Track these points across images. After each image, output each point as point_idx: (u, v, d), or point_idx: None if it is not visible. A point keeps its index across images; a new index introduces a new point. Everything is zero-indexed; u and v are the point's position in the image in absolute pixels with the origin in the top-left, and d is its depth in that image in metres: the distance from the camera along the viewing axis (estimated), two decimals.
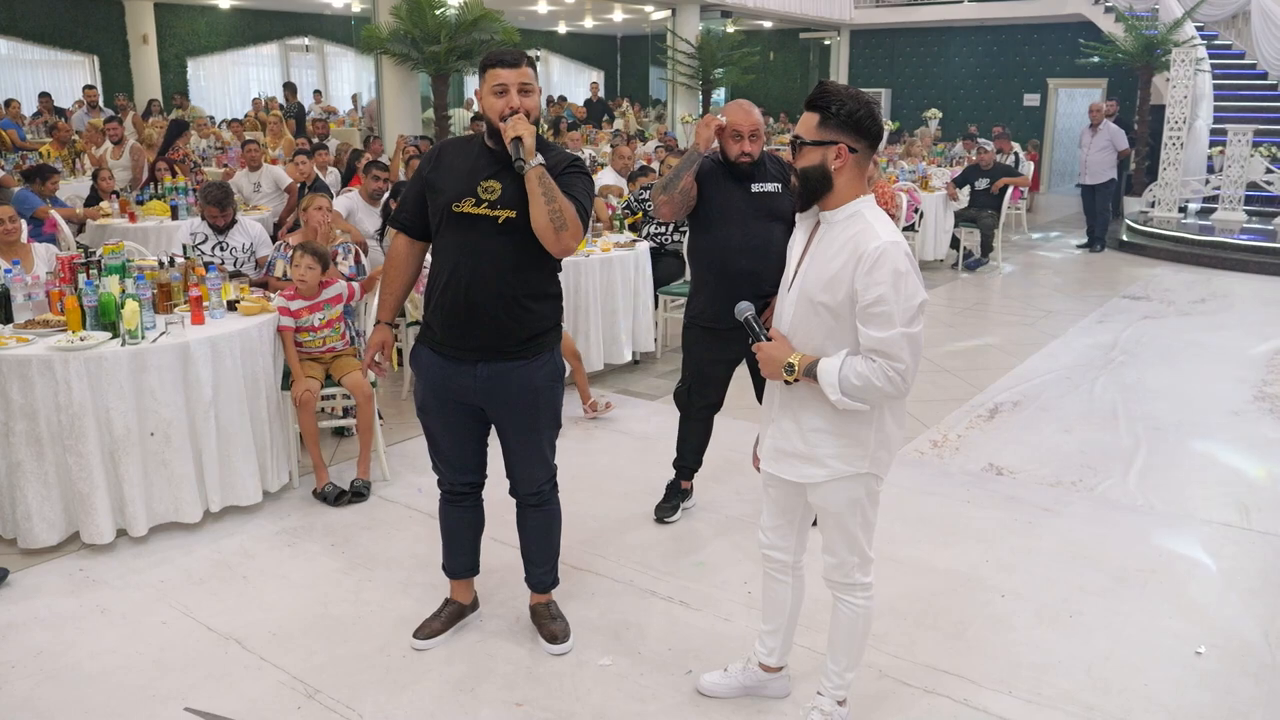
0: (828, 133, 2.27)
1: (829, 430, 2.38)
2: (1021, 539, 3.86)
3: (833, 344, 2.32)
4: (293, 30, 18.59)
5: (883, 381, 2.21)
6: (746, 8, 16.53)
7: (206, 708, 2.77)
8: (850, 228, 2.29)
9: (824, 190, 2.31)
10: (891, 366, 2.21)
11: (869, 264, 2.21)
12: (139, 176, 8.88)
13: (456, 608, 3.18)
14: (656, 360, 6.42)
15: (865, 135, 2.26)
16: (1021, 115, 17.52)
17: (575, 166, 2.80)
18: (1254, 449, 4.88)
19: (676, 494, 4.04)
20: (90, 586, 3.45)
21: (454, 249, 2.75)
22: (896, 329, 2.20)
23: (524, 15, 17.74)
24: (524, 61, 2.71)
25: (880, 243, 2.22)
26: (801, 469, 2.44)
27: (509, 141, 2.63)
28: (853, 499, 2.42)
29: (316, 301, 4.26)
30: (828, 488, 2.42)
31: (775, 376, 2.40)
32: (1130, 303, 8.34)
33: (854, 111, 2.24)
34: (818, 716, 2.63)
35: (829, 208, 2.33)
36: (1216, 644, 3.11)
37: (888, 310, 2.20)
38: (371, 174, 6.48)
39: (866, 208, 2.31)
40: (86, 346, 3.58)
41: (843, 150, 2.26)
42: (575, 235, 2.68)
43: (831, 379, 2.26)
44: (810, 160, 2.30)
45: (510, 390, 2.81)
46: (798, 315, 2.39)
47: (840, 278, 2.26)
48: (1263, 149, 11.66)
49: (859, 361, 2.25)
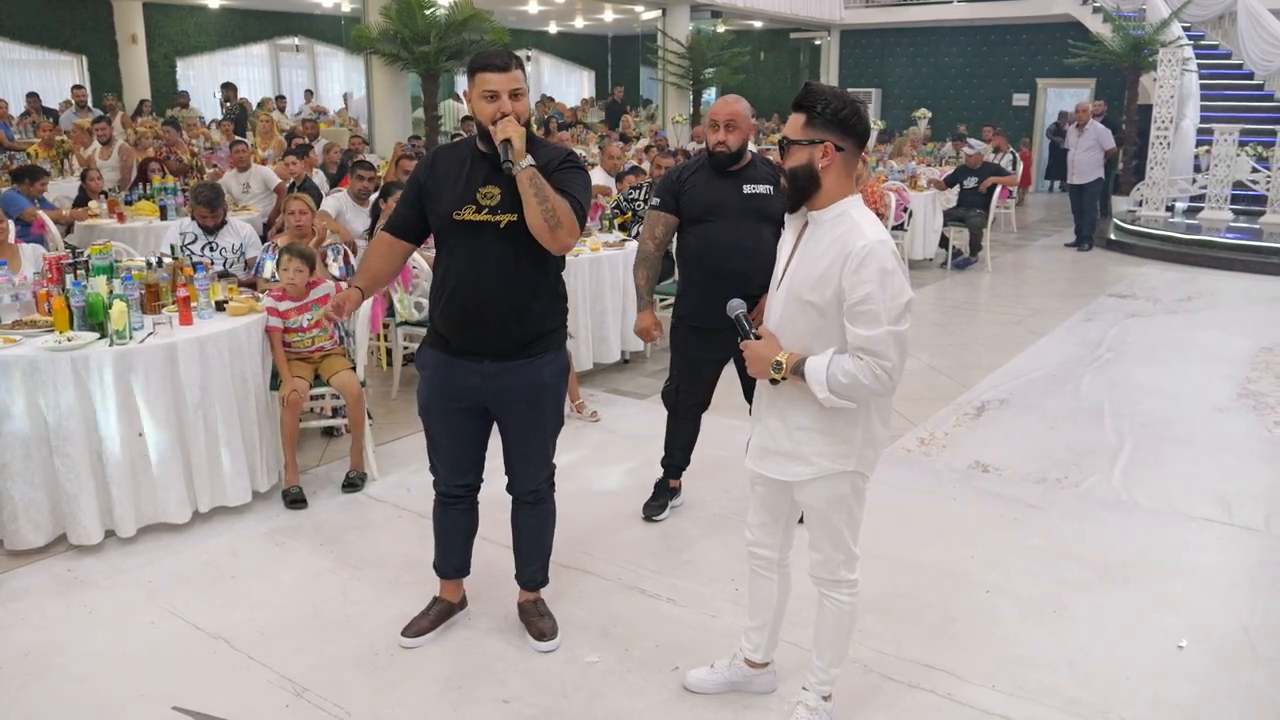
0: (814, 132, 2.29)
1: (815, 429, 2.40)
2: (1006, 535, 3.89)
3: (820, 343, 2.34)
4: (282, 30, 18.55)
5: (870, 379, 2.24)
6: (737, 8, 16.56)
7: (195, 707, 2.78)
8: (837, 227, 2.31)
9: (812, 189, 2.33)
10: (879, 364, 2.23)
11: (856, 263, 2.23)
12: (127, 177, 8.85)
13: (445, 606, 3.19)
14: (645, 360, 6.44)
15: (851, 134, 2.29)
16: (1010, 115, 17.59)
17: (569, 162, 2.80)
18: (1237, 445, 4.92)
19: (665, 492, 4.06)
20: (78, 587, 3.45)
21: (458, 256, 2.77)
22: (883, 327, 2.22)
23: (514, 15, 17.73)
24: (513, 64, 2.69)
25: (867, 242, 2.24)
26: (788, 467, 2.47)
27: (499, 144, 2.64)
28: (838, 496, 2.44)
29: (304, 302, 4.26)
30: (814, 485, 2.44)
31: (763, 375, 2.41)
32: (1117, 301, 8.39)
33: (839, 110, 2.27)
34: (803, 712, 2.65)
35: (817, 207, 2.35)
36: (1198, 638, 3.14)
37: (874, 309, 2.22)
38: (359, 174, 6.48)
39: (854, 207, 2.33)
40: (74, 347, 3.58)
41: (829, 149, 2.29)
42: (572, 232, 2.69)
43: (819, 377, 2.28)
44: (798, 160, 2.32)
45: (516, 388, 2.83)
46: (785, 314, 2.41)
47: (828, 277, 2.29)
48: (1249, 148, 11.74)
49: (846, 360, 2.27)
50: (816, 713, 2.64)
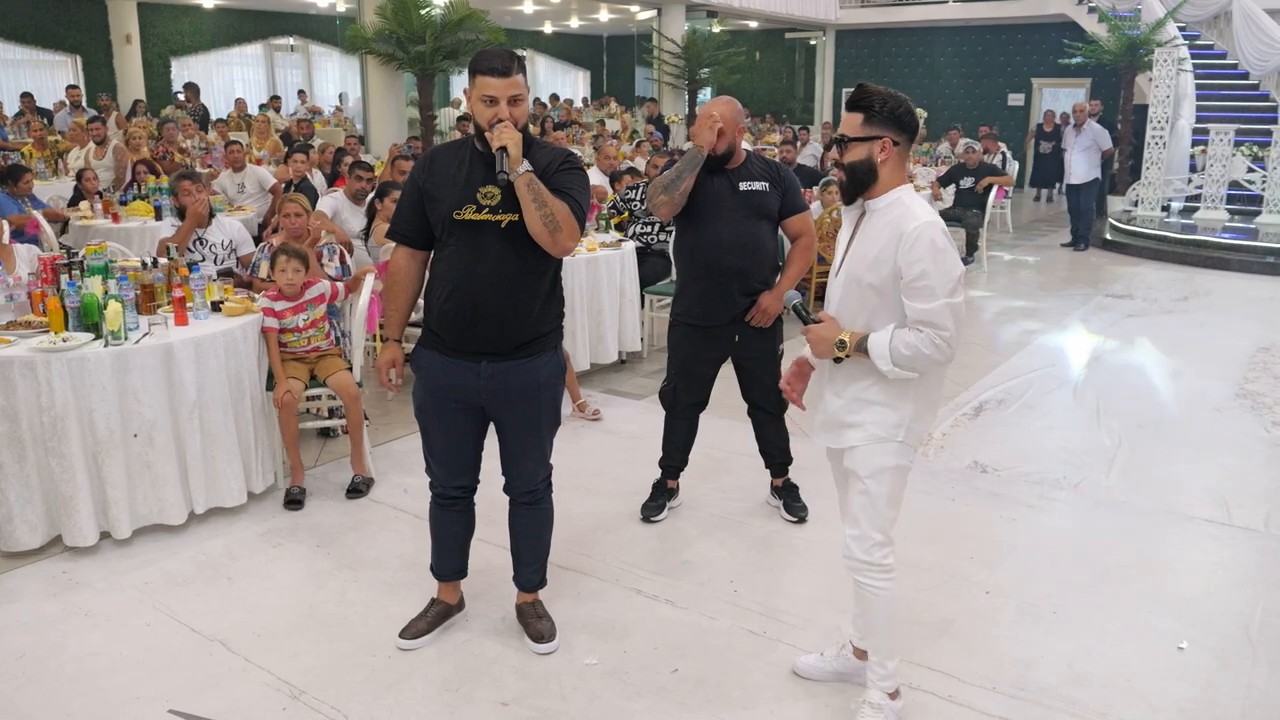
0: (872, 129, 2.45)
1: (868, 399, 2.53)
2: (1005, 535, 3.88)
3: (879, 320, 2.47)
4: (277, 30, 18.52)
5: (930, 349, 2.38)
6: (732, 8, 16.56)
7: (191, 709, 2.76)
8: (891, 212, 2.46)
9: (870, 182, 2.48)
10: (938, 334, 2.37)
11: (909, 242, 2.38)
12: (122, 177, 8.82)
13: (443, 608, 3.17)
14: (643, 360, 6.43)
15: (905, 129, 2.46)
16: (1006, 115, 17.61)
17: (569, 163, 2.80)
18: (1235, 445, 4.92)
19: (662, 493, 4.05)
20: (73, 589, 3.43)
21: (458, 255, 2.76)
22: (940, 300, 2.37)
23: (510, 15, 17.72)
24: (514, 69, 2.68)
25: (919, 223, 2.39)
26: (841, 434, 2.59)
27: (495, 151, 2.64)
28: (883, 466, 2.53)
29: (300, 302, 4.24)
30: (861, 452, 2.55)
31: (826, 354, 2.54)
32: (1113, 301, 8.40)
33: (895, 108, 2.44)
34: (867, 710, 2.65)
35: (873, 196, 2.49)
36: (1198, 639, 3.14)
37: (930, 284, 2.36)
38: (355, 174, 6.47)
39: (906, 194, 2.48)
40: (69, 348, 3.56)
41: (887, 144, 2.44)
42: (572, 235, 2.70)
43: (882, 351, 2.42)
44: (857, 155, 2.47)
45: (513, 387, 2.83)
46: (845, 296, 2.54)
47: (883, 257, 2.42)
48: (1244, 148, 11.76)
49: (907, 333, 2.41)
50: (881, 710, 2.64)
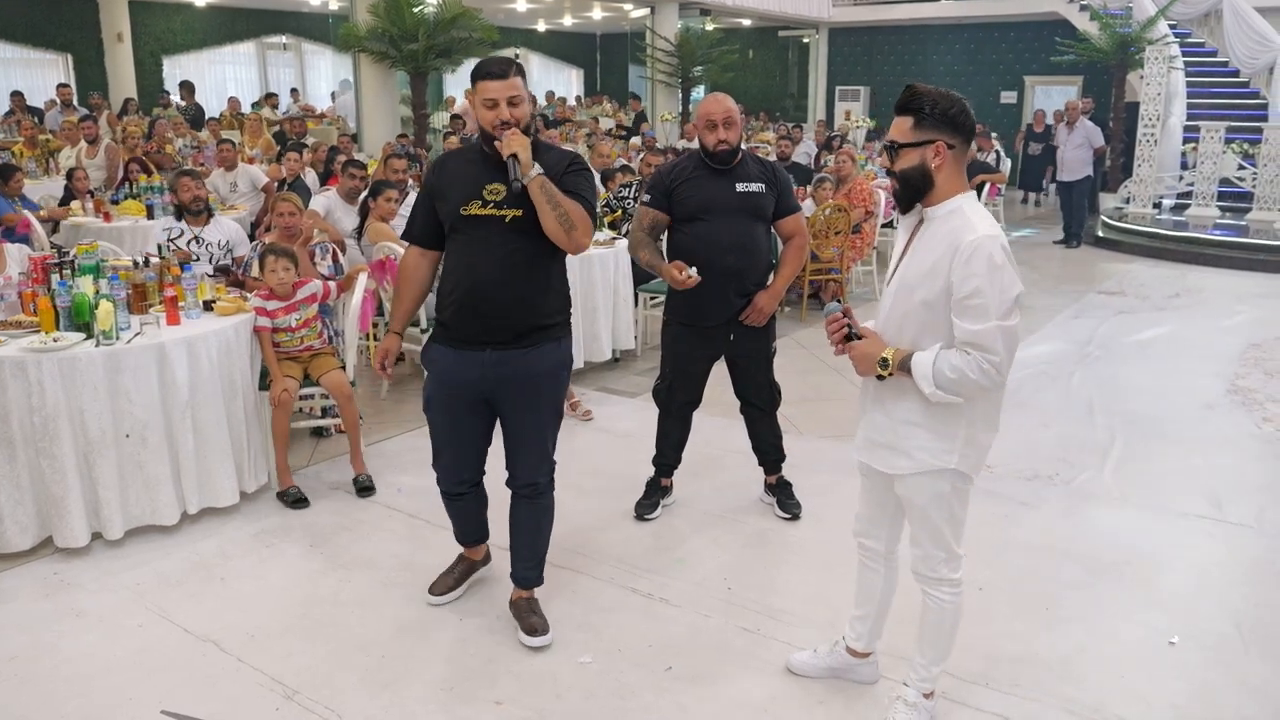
0: (924, 133, 2.30)
1: (918, 423, 2.40)
2: (998, 532, 3.89)
3: (928, 338, 2.34)
4: (270, 28, 18.44)
5: (977, 374, 2.23)
6: (725, 6, 16.55)
7: (184, 710, 2.75)
8: (950, 221, 2.32)
9: (925, 189, 2.34)
10: (986, 359, 2.23)
11: (965, 256, 2.24)
12: (113, 176, 8.79)
13: (469, 564, 3.32)
14: (636, 358, 6.42)
15: (960, 130, 2.30)
16: (999, 112, 17.63)
17: (576, 165, 2.93)
18: (1227, 442, 4.93)
19: (656, 491, 4.05)
20: (65, 590, 3.42)
21: (465, 249, 2.89)
22: (992, 321, 2.22)
23: (503, 13, 17.66)
24: (511, 71, 2.81)
25: (976, 236, 2.24)
26: (890, 459, 2.48)
27: (506, 159, 2.75)
28: (938, 493, 2.44)
29: (292, 302, 4.23)
30: (913, 480, 2.45)
31: (869, 372, 2.42)
32: (1106, 298, 8.42)
33: (948, 109, 2.28)
34: (901, 707, 2.65)
35: (931, 204, 2.36)
36: (1190, 635, 3.15)
37: (984, 303, 2.22)
38: (349, 173, 6.45)
39: (967, 203, 2.34)
40: (60, 348, 3.54)
41: (940, 148, 2.30)
42: (586, 233, 2.85)
43: (925, 371, 2.29)
44: (909, 162, 2.33)
45: (517, 376, 2.91)
46: (895, 308, 2.42)
47: (937, 269, 2.29)
48: (1235, 145, 11.79)
49: (953, 354, 2.27)
50: (916, 709, 2.64)
